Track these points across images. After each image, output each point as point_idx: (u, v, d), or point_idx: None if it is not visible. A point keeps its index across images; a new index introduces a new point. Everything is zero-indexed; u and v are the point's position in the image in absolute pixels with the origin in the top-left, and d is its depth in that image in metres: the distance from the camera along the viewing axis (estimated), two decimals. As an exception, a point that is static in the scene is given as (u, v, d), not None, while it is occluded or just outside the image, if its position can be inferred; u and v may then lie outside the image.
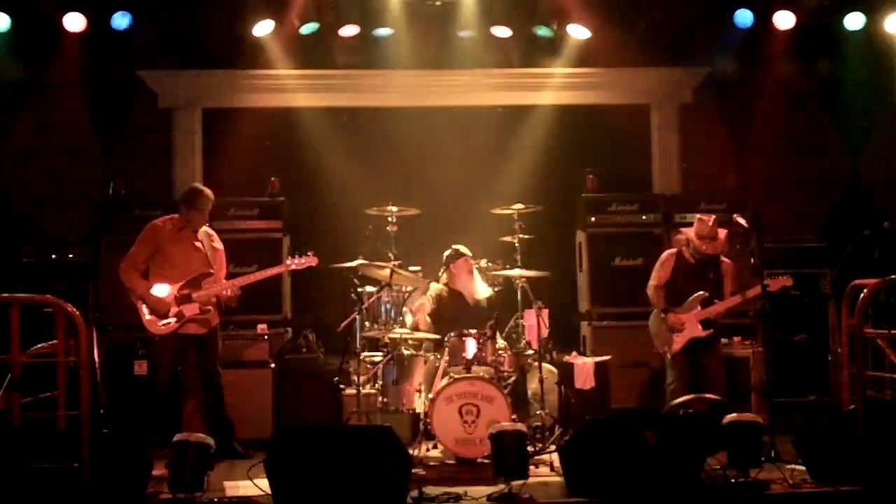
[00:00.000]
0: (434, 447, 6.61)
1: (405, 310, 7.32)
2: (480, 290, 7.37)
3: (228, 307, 6.81)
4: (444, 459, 6.48)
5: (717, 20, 8.41)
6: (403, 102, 9.00)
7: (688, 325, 6.83)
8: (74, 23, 7.95)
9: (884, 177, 8.76)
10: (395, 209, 7.29)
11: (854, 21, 8.31)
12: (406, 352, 6.87)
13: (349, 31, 8.43)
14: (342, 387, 7.28)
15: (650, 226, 8.33)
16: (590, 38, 8.45)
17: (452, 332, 6.82)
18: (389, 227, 7.30)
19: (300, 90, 8.86)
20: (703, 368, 6.87)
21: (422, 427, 6.53)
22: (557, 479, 5.81)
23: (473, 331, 6.80)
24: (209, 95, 8.98)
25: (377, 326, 7.15)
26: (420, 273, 7.55)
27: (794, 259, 8.07)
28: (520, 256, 7.16)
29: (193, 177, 8.43)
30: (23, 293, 7.36)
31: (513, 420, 6.28)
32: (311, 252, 6.80)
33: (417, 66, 8.78)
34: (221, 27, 8.26)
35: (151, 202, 7.91)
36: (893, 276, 5.79)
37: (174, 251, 6.57)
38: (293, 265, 6.75)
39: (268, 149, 8.88)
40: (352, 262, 7.07)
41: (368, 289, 7.33)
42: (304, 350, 7.74)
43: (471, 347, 6.75)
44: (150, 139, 8.81)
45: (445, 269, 7.38)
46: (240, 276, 6.80)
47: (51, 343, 5.63)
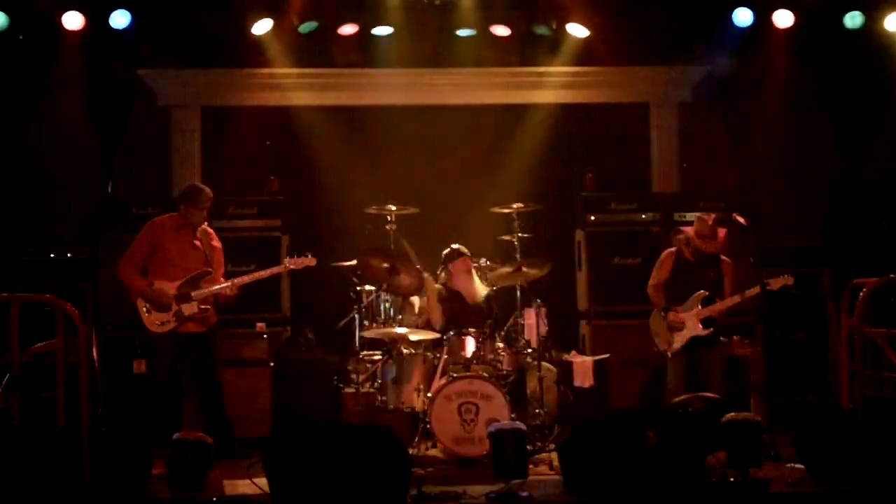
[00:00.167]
0: (433, 446, 6.60)
1: (407, 306, 7.29)
2: (479, 290, 7.36)
3: (227, 305, 6.81)
4: (443, 458, 6.48)
5: (717, 19, 8.40)
6: (403, 101, 9.00)
7: (688, 324, 6.82)
8: (73, 21, 7.93)
9: (884, 176, 8.75)
10: (394, 208, 7.29)
11: (853, 20, 8.30)
12: (405, 351, 6.87)
13: (348, 30, 8.43)
14: (341, 386, 7.28)
15: (649, 224, 8.34)
16: (589, 37, 8.44)
17: (452, 331, 6.82)
18: (388, 226, 7.30)
19: (299, 89, 8.87)
20: (703, 367, 6.86)
21: (421, 426, 6.52)
22: (556, 478, 5.80)
23: (473, 329, 6.81)
24: (208, 94, 8.98)
25: (376, 325, 7.15)
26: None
27: (794, 258, 8.08)
28: (519, 255, 7.15)
29: (192, 175, 8.42)
30: (22, 292, 7.40)
31: (512, 419, 6.28)
32: (310, 253, 6.80)
33: (417, 65, 8.79)
34: (220, 26, 8.25)
35: (150, 201, 7.91)
36: (892, 275, 5.80)
37: (173, 249, 6.57)
38: (291, 265, 6.75)
39: (267, 147, 8.88)
40: (351, 261, 7.08)
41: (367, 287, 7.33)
42: (303, 349, 7.74)
43: (470, 346, 6.75)
44: (149, 138, 8.81)
45: (444, 269, 7.37)
46: (238, 275, 6.79)
47: (50, 342, 5.63)
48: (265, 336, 7.60)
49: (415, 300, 7.42)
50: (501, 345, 6.91)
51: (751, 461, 5.60)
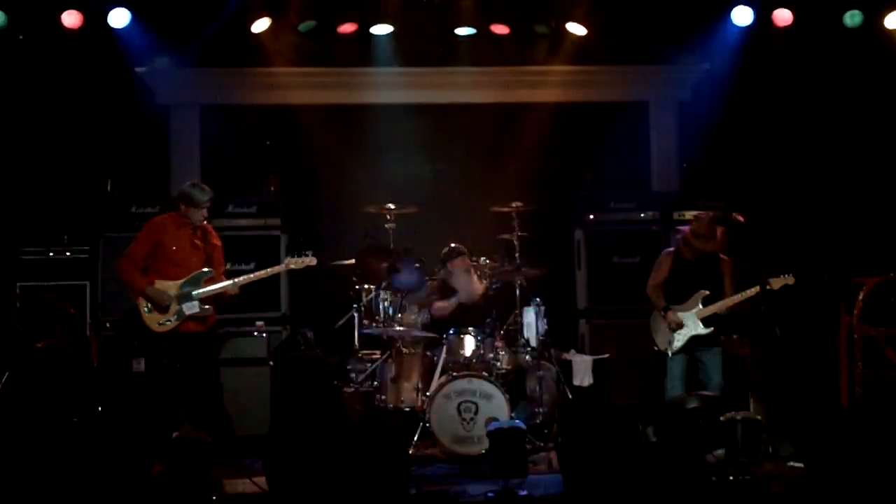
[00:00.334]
0: (432, 445, 6.60)
1: (407, 304, 7.29)
2: (477, 289, 7.35)
3: (229, 304, 6.80)
4: (442, 457, 6.47)
5: (716, 18, 8.40)
6: (402, 100, 9.01)
7: (688, 324, 6.82)
8: (72, 20, 7.93)
9: (884, 174, 8.75)
10: (393, 207, 7.28)
11: (853, 18, 8.30)
12: (404, 349, 6.86)
13: (348, 29, 8.43)
14: (340, 385, 7.27)
15: (649, 223, 8.35)
16: (588, 36, 8.44)
17: (451, 330, 6.82)
18: (388, 225, 7.30)
19: (298, 88, 8.87)
20: (703, 366, 6.86)
21: (420, 425, 6.51)
22: (556, 477, 5.80)
23: (472, 328, 6.80)
24: (208, 93, 8.98)
25: (375, 324, 7.14)
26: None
27: (794, 256, 8.07)
28: (518, 254, 7.15)
29: (191, 174, 8.40)
30: (22, 291, 7.41)
31: (511, 418, 6.28)
32: (311, 252, 6.79)
33: (416, 64, 8.79)
34: (220, 24, 8.24)
35: (149, 200, 7.91)
36: (892, 275, 5.80)
37: (174, 248, 6.55)
38: (292, 265, 6.74)
39: (266, 146, 8.87)
40: (350, 260, 7.07)
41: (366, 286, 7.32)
42: (303, 348, 7.73)
43: (469, 345, 6.75)
44: (148, 137, 8.80)
45: (442, 267, 7.37)
46: (237, 275, 6.77)
47: (49, 340, 5.63)
48: (264, 335, 7.60)
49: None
50: (501, 344, 6.92)
51: (750, 459, 5.61)
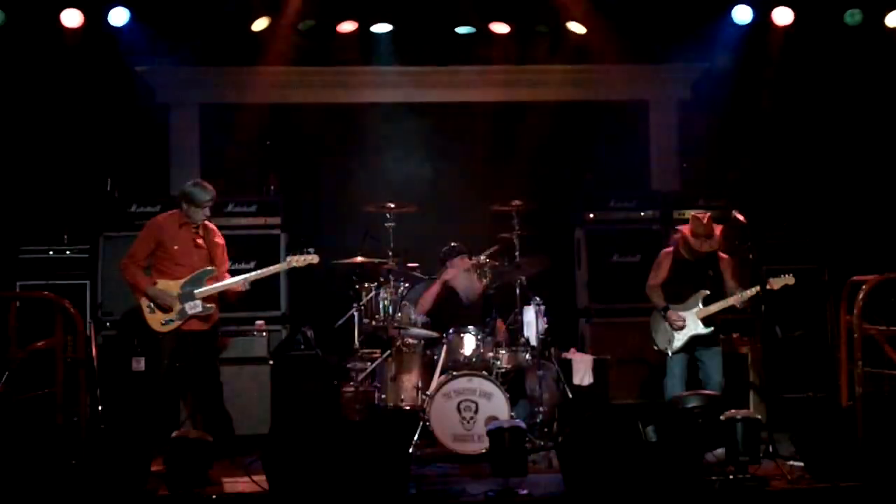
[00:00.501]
0: (432, 444, 6.60)
1: (405, 303, 7.29)
2: (477, 288, 7.35)
3: (238, 300, 6.79)
4: (442, 456, 6.47)
5: (716, 16, 8.40)
6: (401, 99, 9.01)
7: (688, 323, 6.81)
8: (72, 19, 7.92)
9: (883, 173, 8.75)
10: (393, 205, 7.28)
11: (853, 17, 8.30)
12: (404, 348, 6.86)
13: (347, 28, 8.42)
14: (340, 384, 7.27)
15: (649, 222, 8.35)
16: (588, 35, 8.43)
17: (451, 329, 6.82)
18: (387, 224, 7.30)
19: (298, 86, 8.87)
20: (703, 365, 6.86)
21: (420, 424, 6.51)
22: (556, 476, 5.80)
23: (472, 327, 6.80)
24: (207, 92, 8.97)
25: (375, 323, 7.14)
26: (418, 269, 7.54)
27: (793, 255, 8.08)
28: (518, 253, 7.15)
29: (191, 173, 8.39)
30: (21, 290, 7.40)
31: (511, 416, 6.28)
32: (313, 249, 6.78)
33: (415, 63, 8.78)
34: (219, 23, 8.23)
35: (149, 199, 7.90)
36: (892, 273, 5.80)
37: (176, 247, 6.53)
38: (294, 262, 6.73)
39: (266, 145, 8.86)
40: (350, 259, 7.07)
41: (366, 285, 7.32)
42: (302, 346, 7.73)
43: (469, 344, 6.75)
44: (148, 135, 8.79)
45: (442, 266, 7.37)
46: (238, 273, 6.76)
47: (49, 340, 5.63)
48: (264, 334, 7.60)
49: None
50: (501, 342, 6.91)
51: (750, 458, 5.60)
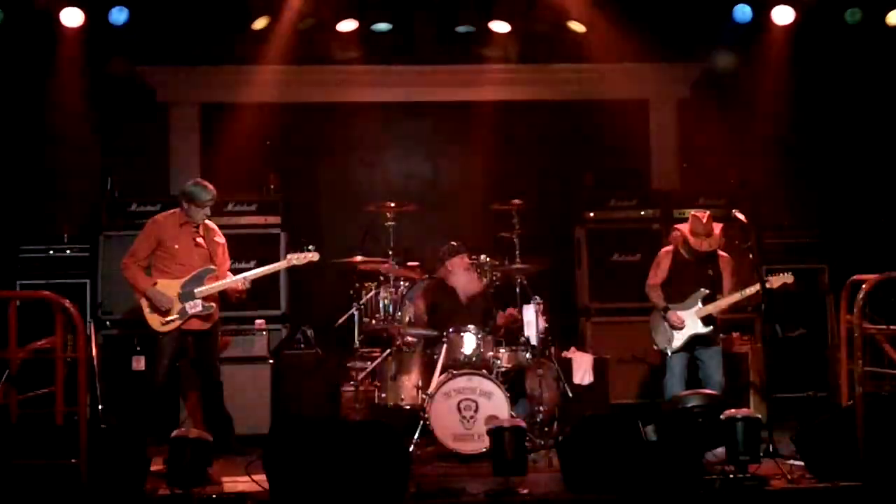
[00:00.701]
0: (432, 443, 6.60)
1: (407, 302, 7.29)
2: (476, 287, 7.34)
3: (239, 300, 6.79)
4: (443, 455, 6.47)
5: (717, 15, 8.39)
6: (401, 98, 8.99)
7: (688, 322, 6.81)
8: (72, 18, 7.91)
9: (883, 172, 8.75)
10: (393, 205, 7.27)
11: (853, 16, 8.29)
12: (404, 348, 6.86)
13: (347, 26, 8.42)
14: (340, 383, 7.27)
15: (649, 221, 8.35)
16: (588, 34, 8.43)
17: (451, 328, 6.82)
18: (387, 223, 7.29)
19: (298, 85, 8.86)
20: (703, 364, 6.86)
21: (420, 423, 6.51)
22: (556, 475, 5.80)
23: (472, 326, 6.80)
24: (207, 91, 8.96)
25: (375, 322, 7.14)
26: (418, 269, 7.54)
27: (793, 254, 8.08)
28: (518, 252, 7.15)
29: (191, 172, 8.39)
30: (21, 289, 7.40)
31: (511, 416, 6.28)
32: (312, 247, 6.78)
33: (415, 62, 8.77)
34: (220, 22, 8.23)
35: (149, 198, 7.90)
36: (892, 272, 5.79)
37: (176, 247, 6.53)
38: (294, 260, 6.73)
39: (266, 144, 8.86)
40: (350, 258, 7.06)
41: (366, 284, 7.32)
42: (302, 346, 7.73)
43: (469, 343, 6.75)
44: (148, 134, 8.79)
45: (441, 265, 7.36)
46: (241, 272, 6.76)
47: (49, 339, 5.62)
48: (264, 333, 7.60)
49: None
50: (501, 341, 6.91)
51: (750, 458, 5.60)
